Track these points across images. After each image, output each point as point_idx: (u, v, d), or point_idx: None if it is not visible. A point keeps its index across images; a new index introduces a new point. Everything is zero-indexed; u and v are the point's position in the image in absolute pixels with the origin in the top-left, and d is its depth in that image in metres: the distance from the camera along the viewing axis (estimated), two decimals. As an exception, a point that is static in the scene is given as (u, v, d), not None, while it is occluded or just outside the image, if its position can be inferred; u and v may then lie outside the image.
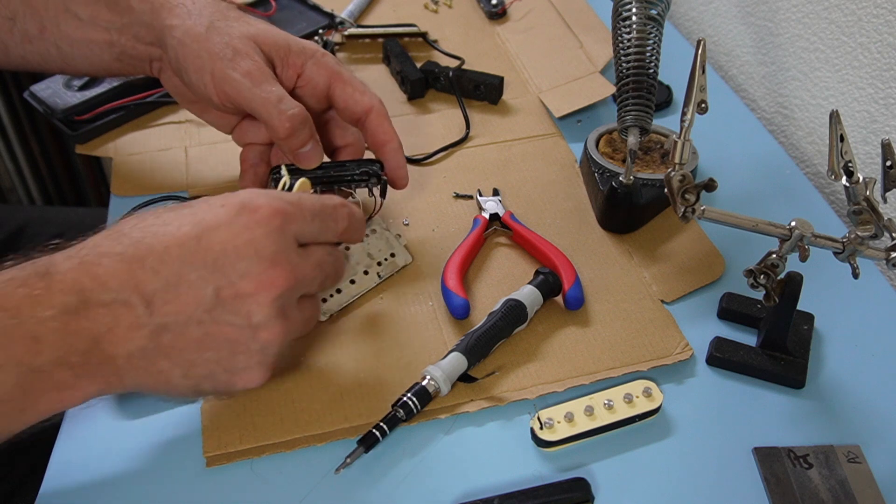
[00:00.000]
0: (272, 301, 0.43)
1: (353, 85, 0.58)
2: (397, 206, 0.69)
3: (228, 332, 0.43)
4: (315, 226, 0.47)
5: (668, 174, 0.53)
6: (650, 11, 0.65)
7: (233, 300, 0.43)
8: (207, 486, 0.49)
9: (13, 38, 0.61)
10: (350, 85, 0.58)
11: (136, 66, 0.62)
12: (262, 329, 0.44)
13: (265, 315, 0.43)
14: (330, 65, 0.58)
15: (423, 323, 0.59)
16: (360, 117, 0.59)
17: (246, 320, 0.43)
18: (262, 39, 0.57)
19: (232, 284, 0.42)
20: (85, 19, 0.59)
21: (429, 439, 0.52)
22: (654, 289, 0.62)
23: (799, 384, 0.56)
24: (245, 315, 0.43)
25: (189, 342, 0.43)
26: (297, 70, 0.58)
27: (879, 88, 0.70)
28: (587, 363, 0.57)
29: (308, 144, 0.57)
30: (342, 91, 0.58)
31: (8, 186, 1.39)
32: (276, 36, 0.58)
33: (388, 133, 0.59)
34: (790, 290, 0.55)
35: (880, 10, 0.69)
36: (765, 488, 0.50)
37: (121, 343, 0.42)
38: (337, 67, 0.59)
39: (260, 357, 0.45)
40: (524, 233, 0.64)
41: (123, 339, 0.42)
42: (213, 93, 0.56)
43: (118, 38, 0.60)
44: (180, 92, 0.63)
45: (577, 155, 0.75)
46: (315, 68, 0.58)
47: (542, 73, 0.85)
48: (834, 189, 0.77)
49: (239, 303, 0.43)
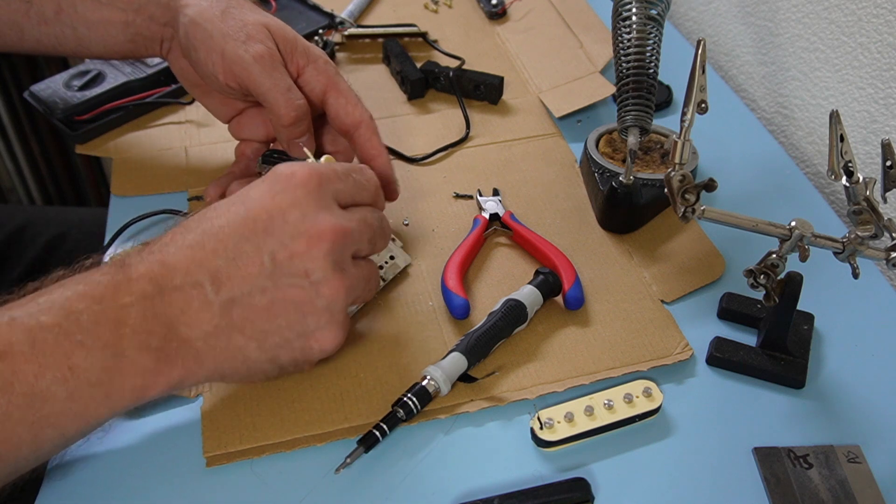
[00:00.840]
0: (325, 255, 0.45)
1: (347, 97, 0.59)
2: (397, 206, 0.69)
3: (292, 294, 0.45)
4: (350, 183, 0.49)
5: (668, 174, 0.53)
6: (650, 11, 0.65)
7: (289, 261, 0.44)
8: (207, 486, 0.49)
9: (29, 20, 0.62)
10: (344, 96, 0.59)
11: (148, 47, 0.63)
12: (323, 284, 0.45)
13: (323, 270, 0.45)
14: (329, 73, 0.59)
15: (423, 323, 0.59)
16: (349, 129, 0.60)
17: (305, 278, 0.45)
18: (274, 29, 0.58)
19: (285, 246, 0.44)
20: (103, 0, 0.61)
21: (429, 439, 0.52)
22: (654, 289, 0.62)
23: (799, 384, 0.56)
24: (303, 273, 0.45)
25: (258, 311, 0.45)
26: (298, 70, 0.59)
27: (879, 88, 0.70)
28: (587, 363, 0.57)
29: (305, 136, 0.59)
30: (335, 101, 0.59)
31: (8, 186, 1.39)
32: (286, 30, 0.59)
33: (377, 148, 0.60)
34: (790, 290, 0.55)
35: (880, 10, 0.69)
36: (765, 488, 0.50)
37: (195, 325, 0.44)
38: (335, 77, 0.60)
39: (328, 316, 0.46)
40: (524, 233, 0.64)
41: (197, 321, 0.44)
42: (220, 72, 0.57)
43: (134, 19, 0.61)
44: (186, 73, 0.64)
45: (577, 155, 0.75)
46: (315, 73, 0.59)
47: (542, 73, 0.85)
48: (834, 189, 0.77)
49: (297, 262, 0.44)
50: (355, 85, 0.84)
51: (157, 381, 0.44)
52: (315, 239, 0.45)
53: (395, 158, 0.74)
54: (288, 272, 0.45)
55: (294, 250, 0.44)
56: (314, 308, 0.45)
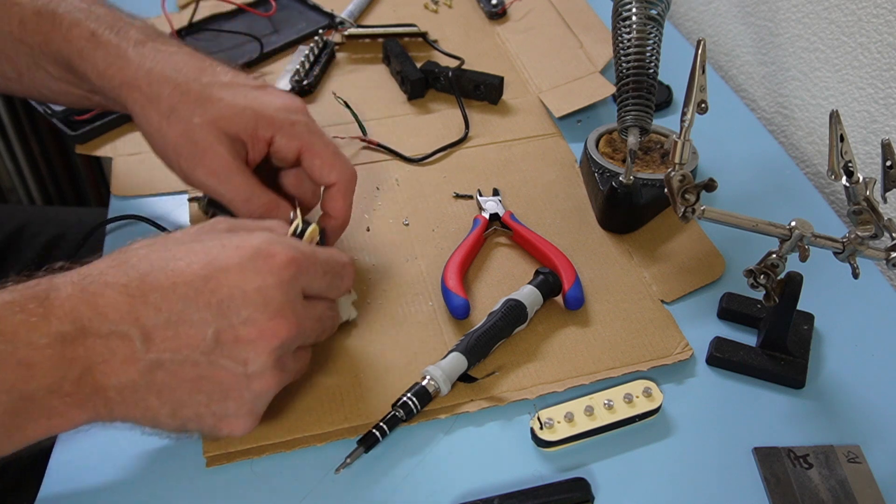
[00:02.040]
0: (271, 350, 0.43)
1: (323, 157, 0.55)
2: (398, 206, 0.69)
3: (223, 377, 0.43)
4: (324, 282, 0.47)
5: (668, 174, 0.53)
6: (650, 11, 0.65)
7: (232, 344, 0.42)
8: (207, 486, 0.49)
9: None
10: (320, 157, 0.55)
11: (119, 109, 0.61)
12: (257, 378, 0.43)
13: (262, 364, 0.43)
14: (301, 135, 0.55)
15: (423, 323, 0.59)
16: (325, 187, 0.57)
17: (242, 367, 0.43)
18: (225, 123, 0.53)
19: (233, 328, 0.42)
20: (57, 76, 0.58)
21: (429, 439, 0.52)
22: (654, 289, 0.62)
23: (799, 384, 0.56)
24: (242, 361, 0.43)
25: (182, 381, 0.42)
26: (266, 142, 0.55)
27: (879, 88, 0.70)
28: (587, 363, 0.57)
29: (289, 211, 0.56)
30: (310, 163, 0.56)
31: (8, 186, 1.39)
32: (241, 113, 0.54)
33: (338, 211, 0.57)
34: (790, 290, 0.55)
35: (880, 10, 0.69)
36: (765, 488, 0.50)
37: (114, 375, 0.41)
38: (308, 137, 0.55)
39: (250, 406, 0.44)
40: (524, 233, 0.64)
41: (117, 372, 0.41)
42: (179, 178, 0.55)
43: (91, 96, 0.59)
44: None
45: (577, 155, 0.75)
46: (284, 140, 0.55)
47: (542, 73, 0.85)
48: (834, 189, 0.77)
49: (238, 348, 0.42)
50: (355, 85, 0.84)
51: (63, 423, 0.42)
52: (267, 332, 0.42)
53: (395, 158, 0.74)
54: (227, 355, 0.42)
55: (241, 335, 0.42)
56: (239, 396, 0.43)
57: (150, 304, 0.42)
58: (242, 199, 0.54)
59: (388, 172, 0.72)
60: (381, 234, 0.66)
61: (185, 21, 0.87)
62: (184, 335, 0.42)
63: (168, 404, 0.43)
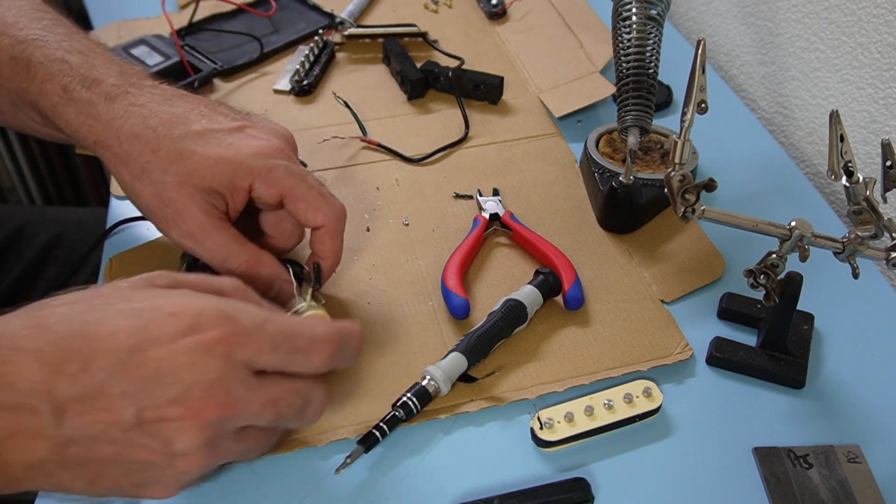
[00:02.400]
0: (199, 430, 0.39)
1: (308, 200, 0.53)
2: (398, 206, 0.69)
3: (142, 455, 0.39)
4: (276, 357, 0.42)
5: (668, 174, 0.53)
6: (650, 11, 0.65)
7: (155, 424, 0.39)
8: (207, 487, 0.49)
9: None
10: (304, 201, 0.53)
11: None
12: (182, 458, 0.40)
13: (188, 444, 0.39)
14: (281, 182, 0.52)
15: (423, 323, 0.59)
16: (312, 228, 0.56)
17: (164, 446, 0.39)
18: (199, 178, 0.51)
19: (157, 408, 0.38)
20: (39, 122, 0.57)
21: (429, 439, 0.52)
22: (654, 289, 0.62)
23: (799, 384, 0.56)
24: (164, 440, 0.39)
25: (96, 458, 0.39)
26: (245, 190, 0.53)
27: (879, 88, 0.70)
28: (587, 363, 0.57)
29: None
30: (294, 207, 0.53)
31: (8, 186, 1.39)
32: (215, 166, 0.51)
33: (327, 252, 0.55)
34: (790, 290, 0.55)
35: (880, 10, 0.69)
36: (765, 488, 0.50)
37: (19, 452, 0.38)
38: (288, 182, 0.52)
39: (174, 481, 0.41)
40: (524, 233, 0.64)
41: (23, 449, 0.38)
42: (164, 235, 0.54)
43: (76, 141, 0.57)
44: None
45: (577, 155, 0.75)
46: (264, 187, 0.52)
47: (542, 73, 0.85)
48: (834, 189, 0.77)
49: (161, 427, 0.39)
50: (355, 85, 0.84)
51: None
52: (192, 412, 0.39)
53: (395, 158, 0.74)
54: (148, 433, 0.39)
55: (165, 415, 0.38)
56: (161, 473, 0.40)
57: (65, 374, 0.38)
58: (219, 261, 0.52)
59: (388, 172, 0.72)
60: (381, 234, 0.66)
61: (185, 21, 0.87)
62: (101, 411, 0.38)
63: (82, 478, 0.40)
